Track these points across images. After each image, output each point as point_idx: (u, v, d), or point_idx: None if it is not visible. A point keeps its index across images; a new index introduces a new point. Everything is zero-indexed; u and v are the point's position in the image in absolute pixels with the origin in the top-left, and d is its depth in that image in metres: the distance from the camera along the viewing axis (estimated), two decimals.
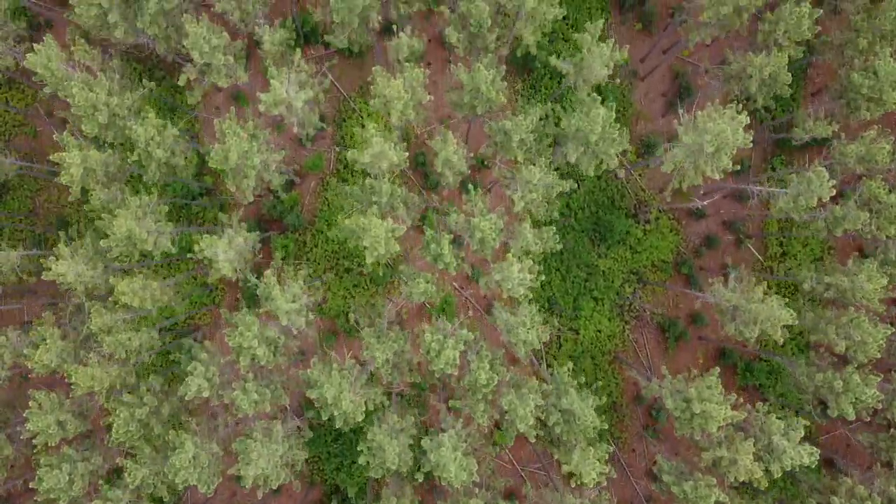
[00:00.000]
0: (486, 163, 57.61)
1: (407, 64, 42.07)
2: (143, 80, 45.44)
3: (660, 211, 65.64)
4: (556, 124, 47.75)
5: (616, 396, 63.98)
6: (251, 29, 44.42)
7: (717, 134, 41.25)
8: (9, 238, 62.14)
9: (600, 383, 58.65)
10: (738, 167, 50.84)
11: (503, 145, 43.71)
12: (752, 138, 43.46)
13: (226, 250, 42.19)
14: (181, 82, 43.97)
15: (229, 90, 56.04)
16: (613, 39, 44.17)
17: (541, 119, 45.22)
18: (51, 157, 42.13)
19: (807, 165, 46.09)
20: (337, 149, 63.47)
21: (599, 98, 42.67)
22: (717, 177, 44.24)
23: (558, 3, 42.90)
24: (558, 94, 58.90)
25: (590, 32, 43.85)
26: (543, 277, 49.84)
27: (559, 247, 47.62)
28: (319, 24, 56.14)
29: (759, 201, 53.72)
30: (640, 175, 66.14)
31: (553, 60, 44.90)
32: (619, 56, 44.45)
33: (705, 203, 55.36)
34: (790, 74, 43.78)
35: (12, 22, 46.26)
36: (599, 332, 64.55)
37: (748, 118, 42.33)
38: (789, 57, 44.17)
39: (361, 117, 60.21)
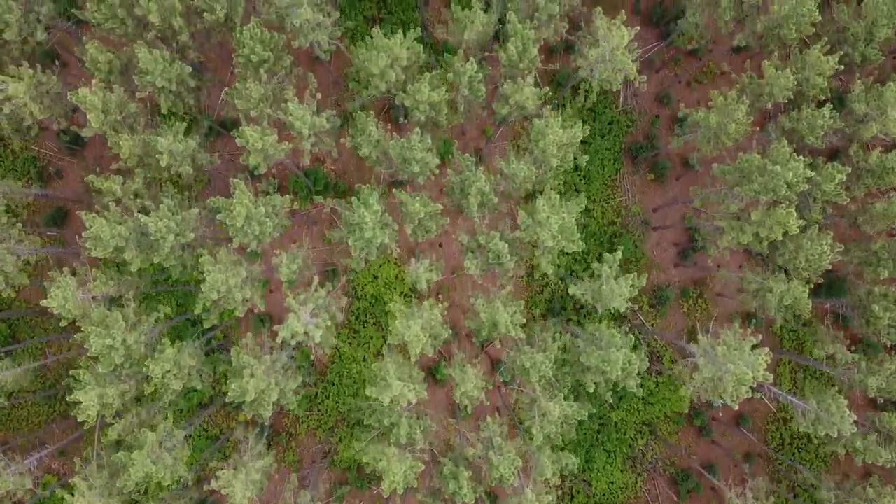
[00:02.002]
0: (505, 383, 57.89)
1: (426, 302, 41.87)
2: (160, 305, 45.15)
3: (672, 361, 65.58)
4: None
5: None
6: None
7: (737, 375, 41.13)
8: (17, 393, 62.18)
9: None
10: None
11: (521, 373, 43.62)
12: (770, 361, 43.35)
13: (243, 485, 42.24)
14: (197, 310, 43.72)
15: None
16: (633, 275, 43.73)
17: (560, 350, 45.01)
18: (68, 398, 42.02)
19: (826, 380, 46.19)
20: (348, 299, 63.29)
21: (618, 335, 42.49)
22: (734, 406, 44.20)
23: (578, 238, 42.55)
24: (576, 320, 58.80)
25: (608, 264, 43.55)
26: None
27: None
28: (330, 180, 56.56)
29: (776, 403, 53.98)
30: (652, 325, 66.02)
31: (571, 289, 44.58)
32: (637, 284, 44.21)
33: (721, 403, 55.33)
34: (810, 302, 43.58)
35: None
36: (612, 483, 64.69)
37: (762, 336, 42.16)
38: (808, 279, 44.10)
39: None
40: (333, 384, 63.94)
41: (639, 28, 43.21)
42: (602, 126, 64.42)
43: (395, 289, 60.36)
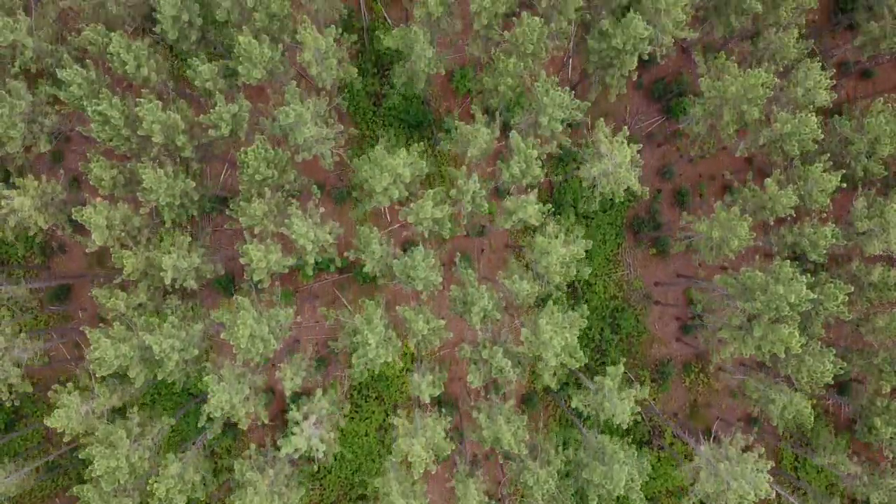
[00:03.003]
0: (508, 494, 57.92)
1: (429, 418, 42.02)
2: (164, 416, 45.30)
3: (674, 436, 65.77)
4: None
5: None
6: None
7: (740, 493, 41.30)
8: (22, 464, 62.42)
9: None
10: None
11: (525, 488, 43.77)
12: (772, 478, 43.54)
13: None
14: (201, 423, 43.87)
15: None
16: (635, 387, 43.87)
17: (563, 464, 45.14)
18: None
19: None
20: (349, 372, 63.44)
21: (621, 452, 42.61)
22: None
23: (581, 352, 42.61)
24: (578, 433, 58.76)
25: (610, 377, 43.65)
26: None
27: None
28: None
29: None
30: (654, 400, 66.17)
31: (574, 401, 44.69)
32: (640, 394, 44.32)
33: None
34: (813, 416, 43.71)
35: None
36: None
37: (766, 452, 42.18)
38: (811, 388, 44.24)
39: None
40: (336, 458, 64.08)
41: (641, 146, 43.24)
42: (604, 201, 64.46)
43: (395, 372, 60.38)
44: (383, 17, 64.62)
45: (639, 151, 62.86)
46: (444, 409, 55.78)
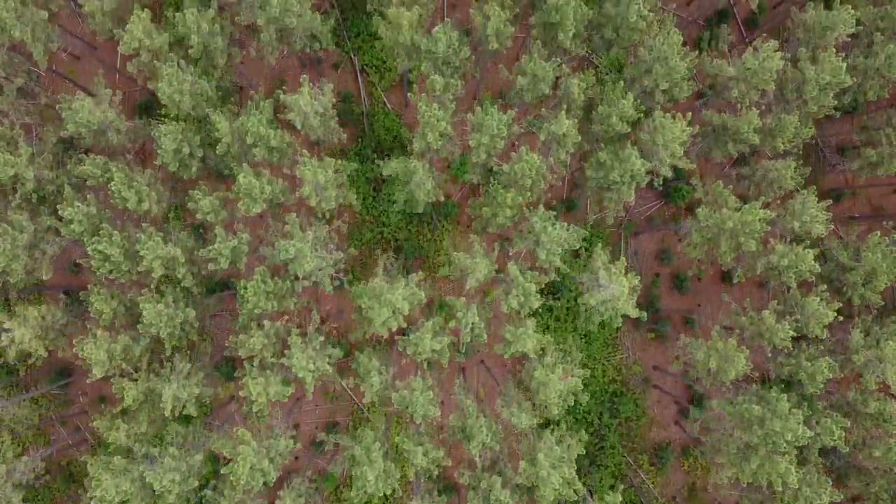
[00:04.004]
0: None
1: None
2: None
3: None
4: None
5: None
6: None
7: None
8: None
9: None
10: None
11: None
12: None
13: None
14: None
15: None
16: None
17: None
18: None
19: None
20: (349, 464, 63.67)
21: None
22: None
23: (580, 483, 42.83)
24: None
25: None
26: None
27: None
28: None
29: None
30: (653, 483, 66.49)
31: None
32: None
33: None
34: None
35: None
36: None
37: None
38: None
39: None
40: None
41: (640, 278, 43.41)
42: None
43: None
44: (383, 102, 64.76)
45: (637, 232, 63.57)
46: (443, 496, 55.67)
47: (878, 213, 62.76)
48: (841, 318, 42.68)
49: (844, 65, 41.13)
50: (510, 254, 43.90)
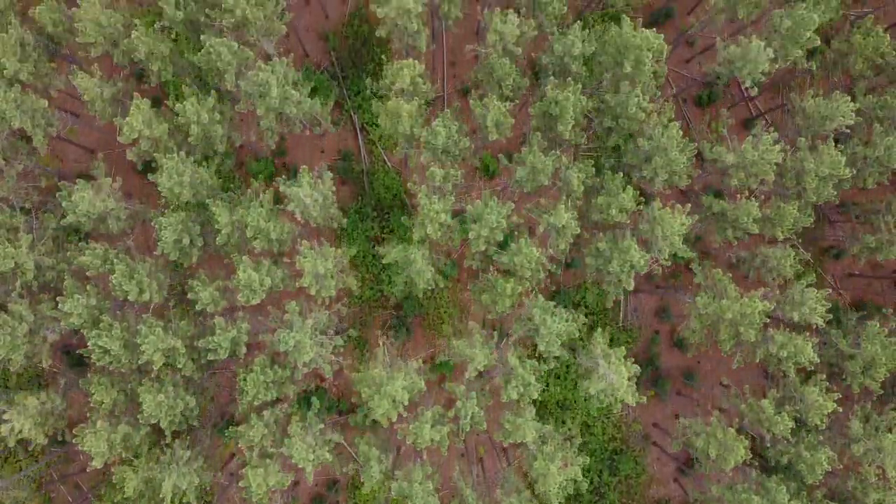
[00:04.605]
0: None
1: None
2: None
3: None
4: None
5: None
6: None
7: None
8: None
9: None
10: None
11: None
12: None
13: None
14: None
15: None
16: None
17: None
18: None
19: None
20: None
21: None
22: None
23: None
24: None
25: None
26: None
27: None
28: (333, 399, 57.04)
29: None
30: None
31: None
32: None
33: None
34: None
35: None
36: None
37: None
38: None
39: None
40: None
41: (638, 368, 43.52)
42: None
43: None
44: (383, 160, 64.76)
45: (635, 310, 63.69)
46: None
47: (877, 272, 62.80)
48: (840, 409, 42.79)
49: (844, 159, 41.13)
50: (509, 341, 44.02)
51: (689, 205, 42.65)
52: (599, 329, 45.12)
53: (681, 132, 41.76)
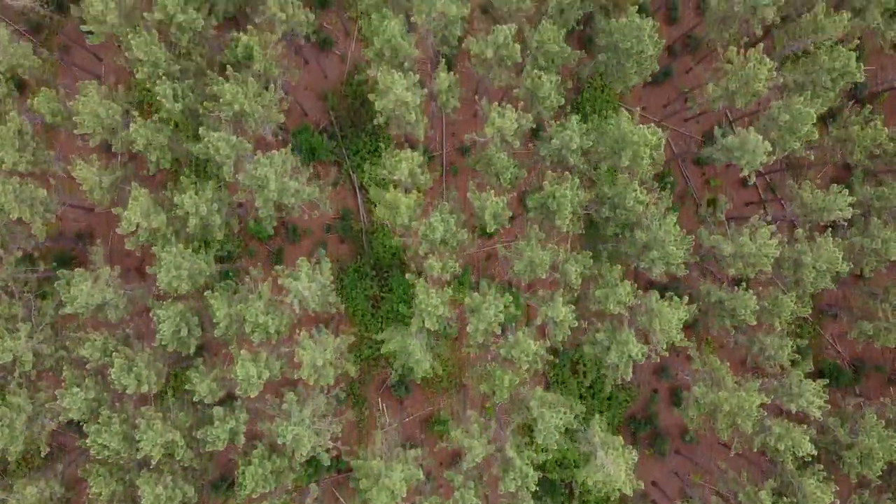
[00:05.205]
0: None
1: None
2: None
3: None
4: None
5: None
6: None
7: None
8: None
9: None
10: None
11: None
12: None
13: None
14: None
15: None
16: None
17: None
18: None
19: None
20: None
21: None
22: None
23: None
24: None
25: None
26: None
27: None
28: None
29: None
30: None
31: None
32: None
33: None
34: None
35: None
36: None
37: None
38: None
39: None
40: None
41: (636, 455, 43.60)
42: (600, 402, 64.73)
43: None
44: (382, 220, 64.66)
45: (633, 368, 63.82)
46: None
47: None
48: (837, 502, 42.98)
49: (841, 254, 41.18)
50: (507, 430, 44.14)
51: (687, 298, 42.76)
52: (598, 416, 45.24)
53: (679, 227, 41.85)
